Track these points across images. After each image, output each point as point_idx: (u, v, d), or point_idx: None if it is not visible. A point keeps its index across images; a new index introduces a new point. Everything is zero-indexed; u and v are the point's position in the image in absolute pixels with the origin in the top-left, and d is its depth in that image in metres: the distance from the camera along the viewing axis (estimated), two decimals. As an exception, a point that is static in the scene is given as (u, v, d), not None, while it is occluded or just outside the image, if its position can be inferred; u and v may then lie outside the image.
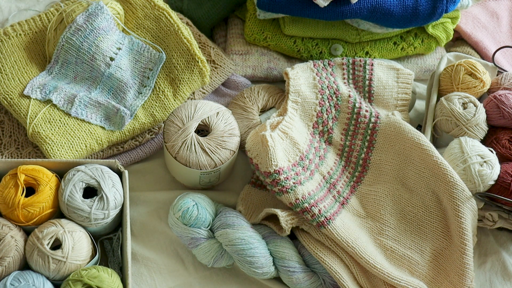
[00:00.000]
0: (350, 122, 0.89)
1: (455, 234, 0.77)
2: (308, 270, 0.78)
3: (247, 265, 0.77)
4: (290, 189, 0.78)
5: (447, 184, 0.79)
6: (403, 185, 0.84)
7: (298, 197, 0.78)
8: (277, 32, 0.98)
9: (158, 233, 0.84)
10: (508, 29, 1.14)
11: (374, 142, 0.88)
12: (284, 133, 0.82)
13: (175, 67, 0.90)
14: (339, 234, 0.77)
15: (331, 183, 0.85)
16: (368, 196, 0.85)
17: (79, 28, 0.85)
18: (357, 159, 0.88)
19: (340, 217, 0.81)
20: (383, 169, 0.87)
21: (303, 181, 0.81)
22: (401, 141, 0.85)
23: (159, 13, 0.91)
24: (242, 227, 0.78)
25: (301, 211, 0.78)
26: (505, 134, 0.89)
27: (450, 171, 0.80)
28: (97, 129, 0.85)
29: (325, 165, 0.87)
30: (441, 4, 0.93)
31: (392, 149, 0.86)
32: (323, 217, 0.78)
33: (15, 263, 0.71)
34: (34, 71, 0.88)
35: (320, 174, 0.85)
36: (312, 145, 0.86)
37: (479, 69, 0.93)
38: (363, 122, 0.89)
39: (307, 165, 0.83)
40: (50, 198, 0.74)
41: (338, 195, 0.84)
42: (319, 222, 0.78)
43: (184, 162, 0.79)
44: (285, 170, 0.79)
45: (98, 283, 0.69)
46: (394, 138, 0.86)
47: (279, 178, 0.78)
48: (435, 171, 0.81)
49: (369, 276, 0.78)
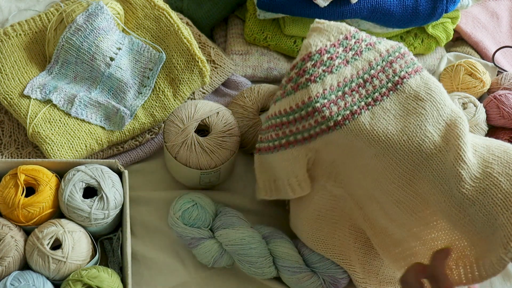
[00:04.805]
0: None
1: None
2: (308, 270, 0.78)
3: (247, 265, 0.77)
4: (319, 77, 0.68)
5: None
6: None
7: (314, 93, 0.67)
8: (277, 32, 0.98)
9: (158, 233, 0.84)
10: (508, 29, 1.14)
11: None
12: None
13: (175, 67, 0.90)
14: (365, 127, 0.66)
15: (364, 79, 0.70)
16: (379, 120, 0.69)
17: (79, 28, 0.85)
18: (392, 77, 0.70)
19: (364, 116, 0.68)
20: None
21: (336, 68, 0.69)
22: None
23: (159, 13, 0.91)
24: (242, 227, 0.78)
25: (307, 114, 0.68)
26: (505, 134, 0.89)
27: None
28: (97, 129, 0.85)
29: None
30: (441, 4, 0.93)
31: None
32: (340, 116, 0.66)
33: (15, 263, 0.71)
34: (34, 71, 0.88)
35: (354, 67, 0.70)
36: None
37: (479, 69, 0.93)
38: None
39: (351, 45, 0.71)
40: (50, 198, 0.74)
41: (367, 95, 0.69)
42: (335, 122, 0.66)
43: (184, 162, 0.79)
44: (328, 49, 0.69)
45: (98, 283, 0.69)
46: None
47: (316, 61, 0.68)
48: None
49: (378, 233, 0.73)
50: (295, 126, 0.70)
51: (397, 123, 0.67)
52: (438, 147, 0.65)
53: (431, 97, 0.67)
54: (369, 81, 0.69)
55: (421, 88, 0.68)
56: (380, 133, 0.66)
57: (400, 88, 0.69)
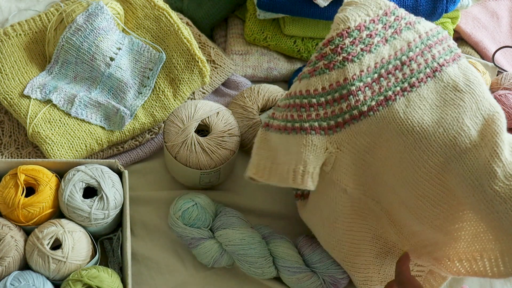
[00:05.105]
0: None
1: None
2: (308, 270, 0.78)
3: (247, 265, 0.77)
4: (357, 57, 0.63)
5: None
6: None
7: (351, 74, 0.62)
8: (277, 32, 0.98)
9: (158, 233, 0.84)
10: (508, 29, 1.14)
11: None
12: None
13: (175, 67, 0.90)
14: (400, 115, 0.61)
15: (402, 61, 0.65)
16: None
17: (79, 28, 0.85)
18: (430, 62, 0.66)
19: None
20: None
21: (375, 48, 0.64)
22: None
23: (159, 13, 0.91)
24: (242, 227, 0.78)
25: (341, 97, 0.63)
26: (505, 134, 0.89)
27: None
28: (97, 129, 0.85)
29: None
30: (441, 4, 0.93)
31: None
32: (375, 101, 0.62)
33: (15, 263, 0.71)
34: (34, 71, 0.88)
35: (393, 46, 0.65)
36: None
37: (479, 69, 0.93)
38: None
39: (391, 22, 0.65)
40: (50, 198, 0.74)
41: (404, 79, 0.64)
42: (361, 111, 0.62)
43: (184, 162, 0.79)
44: (368, 25, 0.64)
45: (98, 283, 0.69)
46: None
47: (355, 38, 0.63)
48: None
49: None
50: (324, 110, 0.64)
51: (433, 114, 0.63)
52: (474, 142, 0.61)
53: (470, 89, 0.64)
54: (406, 64, 0.64)
55: (459, 79, 0.65)
56: (415, 123, 0.62)
57: (439, 76, 0.64)
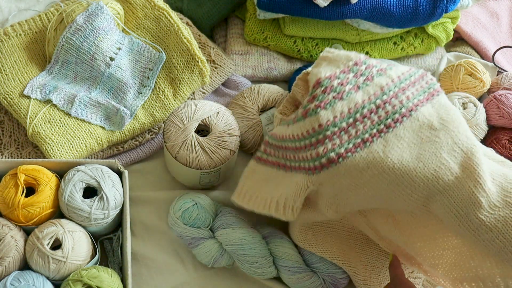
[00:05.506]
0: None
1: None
2: (308, 270, 0.78)
3: (247, 265, 0.77)
4: (329, 104, 0.65)
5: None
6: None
7: (325, 121, 0.64)
8: (277, 32, 0.98)
9: (158, 233, 0.84)
10: (508, 29, 1.14)
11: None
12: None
13: (175, 67, 0.90)
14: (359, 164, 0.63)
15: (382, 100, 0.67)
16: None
17: (79, 28, 0.85)
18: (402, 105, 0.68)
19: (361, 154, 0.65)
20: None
21: (347, 94, 0.66)
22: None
23: (159, 13, 0.91)
24: (242, 227, 0.78)
25: (317, 141, 0.65)
26: (505, 134, 0.89)
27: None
28: (97, 129, 0.85)
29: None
30: (441, 4, 0.93)
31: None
32: (343, 149, 0.64)
33: (15, 263, 0.71)
34: (34, 71, 0.88)
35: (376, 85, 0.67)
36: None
37: (479, 69, 0.93)
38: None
39: (362, 70, 0.68)
40: (50, 198, 0.74)
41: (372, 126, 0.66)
42: (330, 158, 0.64)
43: (184, 162, 0.79)
44: (338, 75, 0.67)
45: (98, 283, 0.69)
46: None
47: (326, 87, 0.66)
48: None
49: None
50: (304, 153, 0.67)
51: (411, 151, 0.64)
52: (455, 174, 0.64)
53: (444, 126, 0.66)
54: (381, 107, 0.66)
55: (433, 117, 0.66)
56: (395, 160, 0.63)
57: (414, 115, 0.66)
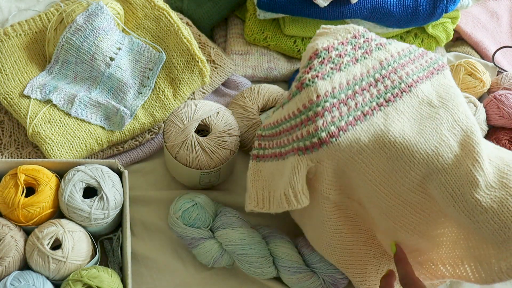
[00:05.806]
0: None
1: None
2: (308, 270, 0.78)
3: (247, 265, 0.77)
4: (327, 75, 0.63)
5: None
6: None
7: (323, 91, 0.62)
8: (277, 32, 0.98)
9: (158, 233, 0.84)
10: (508, 29, 1.14)
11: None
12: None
13: (175, 67, 0.90)
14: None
15: (375, 79, 0.66)
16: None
17: (79, 28, 0.85)
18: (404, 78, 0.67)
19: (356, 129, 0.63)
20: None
21: (345, 66, 0.65)
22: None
23: (159, 13, 0.91)
24: (242, 227, 0.78)
25: (316, 114, 0.62)
26: (505, 134, 0.89)
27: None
28: (97, 129, 0.85)
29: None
30: (441, 4, 0.93)
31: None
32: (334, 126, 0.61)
33: (15, 263, 0.71)
34: (34, 71, 0.88)
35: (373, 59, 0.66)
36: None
37: (479, 69, 0.93)
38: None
39: (360, 44, 0.67)
40: (50, 198, 0.74)
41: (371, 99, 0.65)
42: (321, 138, 0.62)
43: (184, 162, 0.79)
44: (336, 46, 0.66)
45: (98, 283, 0.69)
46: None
47: (324, 58, 0.64)
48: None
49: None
50: (300, 131, 0.64)
51: (412, 126, 0.63)
52: (455, 152, 0.63)
53: (443, 104, 0.65)
54: (380, 81, 0.65)
55: (432, 95, 0.66)
56: (397, 134, 0.62)
57: (414, 91, 0.65)
